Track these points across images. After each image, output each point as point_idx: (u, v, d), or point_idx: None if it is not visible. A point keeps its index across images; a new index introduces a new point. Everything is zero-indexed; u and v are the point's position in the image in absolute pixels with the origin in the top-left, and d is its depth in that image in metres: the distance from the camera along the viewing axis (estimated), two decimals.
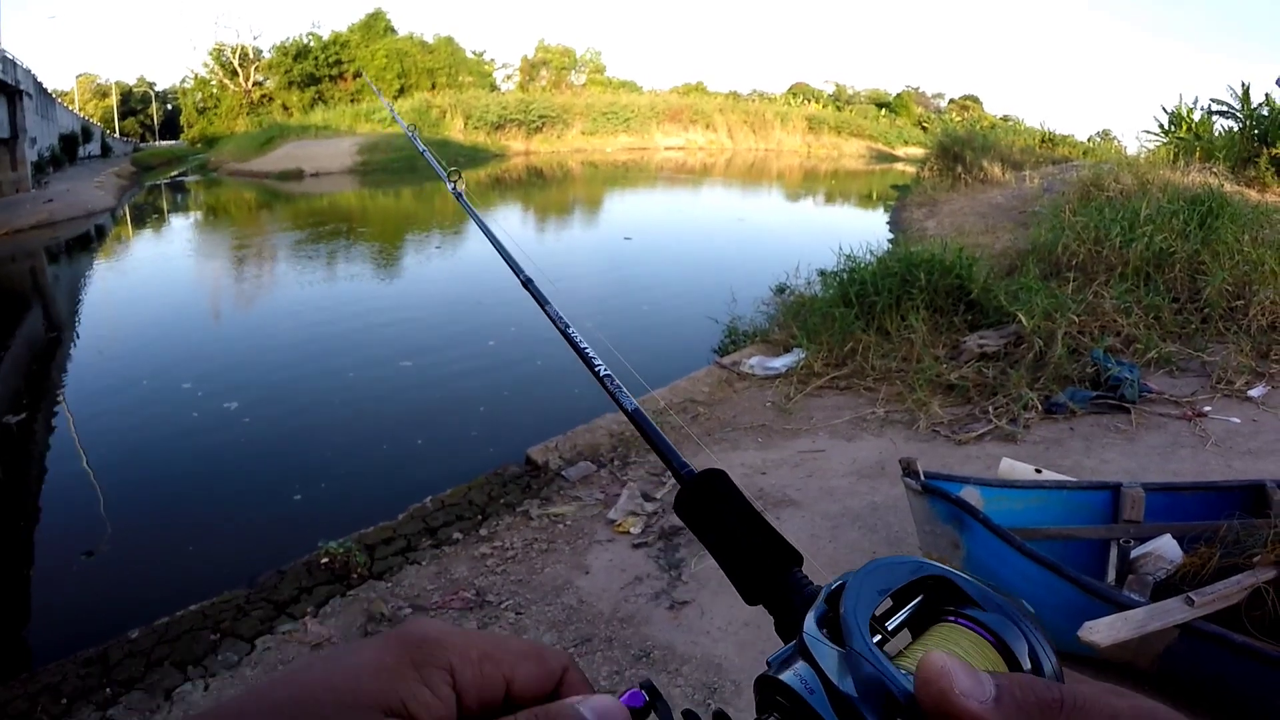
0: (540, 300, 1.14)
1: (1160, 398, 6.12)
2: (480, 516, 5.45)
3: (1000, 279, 8.45)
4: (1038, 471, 4.06)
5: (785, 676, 0.44)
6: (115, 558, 5.69)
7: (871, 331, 7.62)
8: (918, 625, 0.47)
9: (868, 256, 9.10)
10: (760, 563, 0.57)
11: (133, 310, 14.00)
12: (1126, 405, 5.93)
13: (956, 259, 8.15)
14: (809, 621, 0.47)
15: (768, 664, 0.47)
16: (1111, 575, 3.47)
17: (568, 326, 1.00)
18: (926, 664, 0.39)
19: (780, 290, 10.72)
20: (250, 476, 6.95)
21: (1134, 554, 3.45)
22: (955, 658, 0.40)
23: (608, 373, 0.91)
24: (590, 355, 0.94)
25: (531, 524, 5.19)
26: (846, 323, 7.70)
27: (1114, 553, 3.54)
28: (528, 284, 1.29)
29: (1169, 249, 8.24)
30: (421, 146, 1.99)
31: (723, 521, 0.60)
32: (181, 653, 4.20)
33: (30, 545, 6.13)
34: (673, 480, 3.34)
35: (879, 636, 0.45)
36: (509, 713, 0.43)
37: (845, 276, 8.57)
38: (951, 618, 0.45)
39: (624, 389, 0.86)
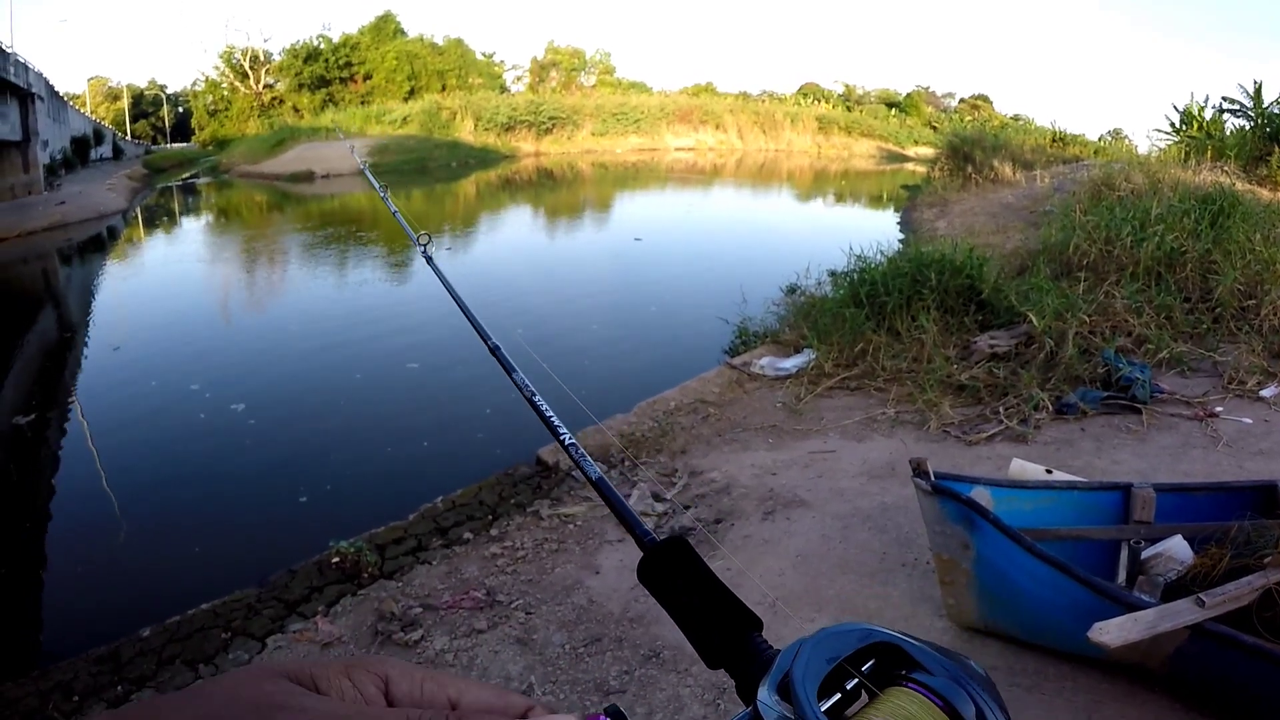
0: (507, 368, 1.16)
1: (1172, 398, 6.09)
2: (491, 516, 5.47)
3: (1011, 279, 8.44)
4: (1048, 472, 4.05)
5: None
6: (127, 556, 5.73)
7: (882, 332, 7.61)
8: (876, 684, 0.49)
9: (878, 257, 9.10)
10: (720, 629, 0.58)
11: (144, 311, 14.08)
12: (1138, 405, 5.91)
13: (967, 259, 8.14)
14: (763, 690, 0.50)
15: None
16: (1122, 576, 3.47)
17: (534, 394, 1.03)
18: None
19: (791, 290, 10.72)
20: (260, 477, 6.99)
21: (1144, 555, 3.45)
22: None
23: (572, 441, 0.93)
24: (555, 423, 0.95)
25: (542, 524, 5.20)
26: (857, 323, 7.69)
27: (1124, 553, 3.54)
28: (495, 350, 1.31)
29: (1180, 248, 8.21)
30: (393, 207, 2.01)
31: (684, 589, 0.62)
32: (193, 651, 4.23)
33: (42, 544, 6.17)
34: (684, 480, 3.41)
35: (836, 696, 0.47)
36: None
37: (856, 277, 8.57)
38: (903, 682, 0.47)
39: (587, 456, 0.88)
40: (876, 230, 15.66)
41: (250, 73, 64.15)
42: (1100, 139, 31.16)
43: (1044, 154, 24.28)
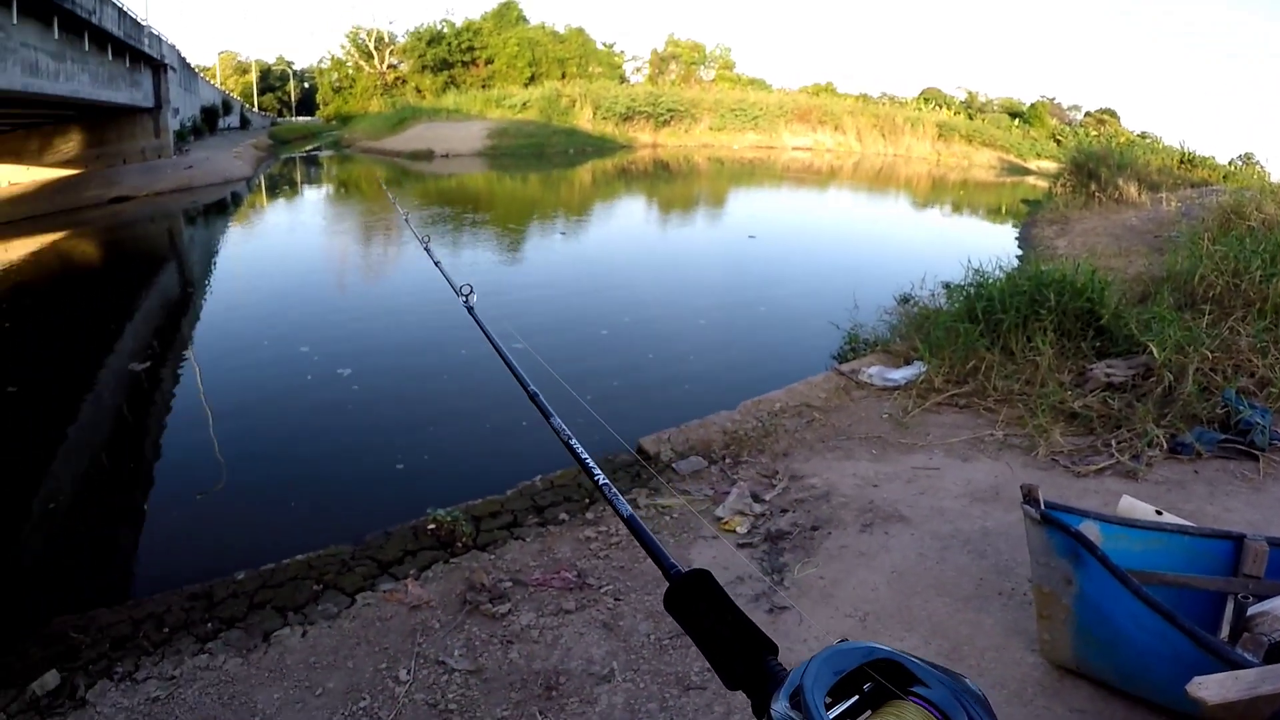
0: (545, 413, 1.20)
1: None
2: (588, 500, 5.55)
3: (1132, 306, 8.18)
4: (1158, 513, 3.96)
5: None
6: (227, 503, 6.00)
7: (996, 350, 7.47)
8: (877, 701, 0.53)
9: (996, 272, 8.93)
10: (739, 653, 0.63)
11: (261, 273, 14.63)
12: (1255, 452, 5.69)
13: (1089, 281, 7.92)
14: (777, 702, 0.55)
15: None
16: (1225, 631, 3.38)
17: (570, 438, 1.07)
18: None
19: (904, 300, 10.60)
20: (361, 441, 7.22)
21: (1251, 611, 3.35)
22: None
23: (606, 481, 0.98)
24: (590, 465, 1.00)
25: (639, 513, 5.26)
26: (971, 339, 7.57)
27: (1230, 607, 3.44)
28: (534, 397, 1.36)
29: None
30: (435, 259, 2.06)
31: (706, 616, 0.67)
32: (284, 599, 4.41)
33: (149, 482, 6.51)
34: (784, 483, 3.45)
35: (843, 706, 0.52)
36: None
37: (972, 291, 8.41)
38: (905, 696, 0.52)
39: (619, 496, 0.93)
40: (994, 244, 15.37)
41: (375, 53, 65.74)
42: (1230, 163, 29.89)
43: (1171, 175, 23.47)
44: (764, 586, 4.36)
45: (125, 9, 24.01)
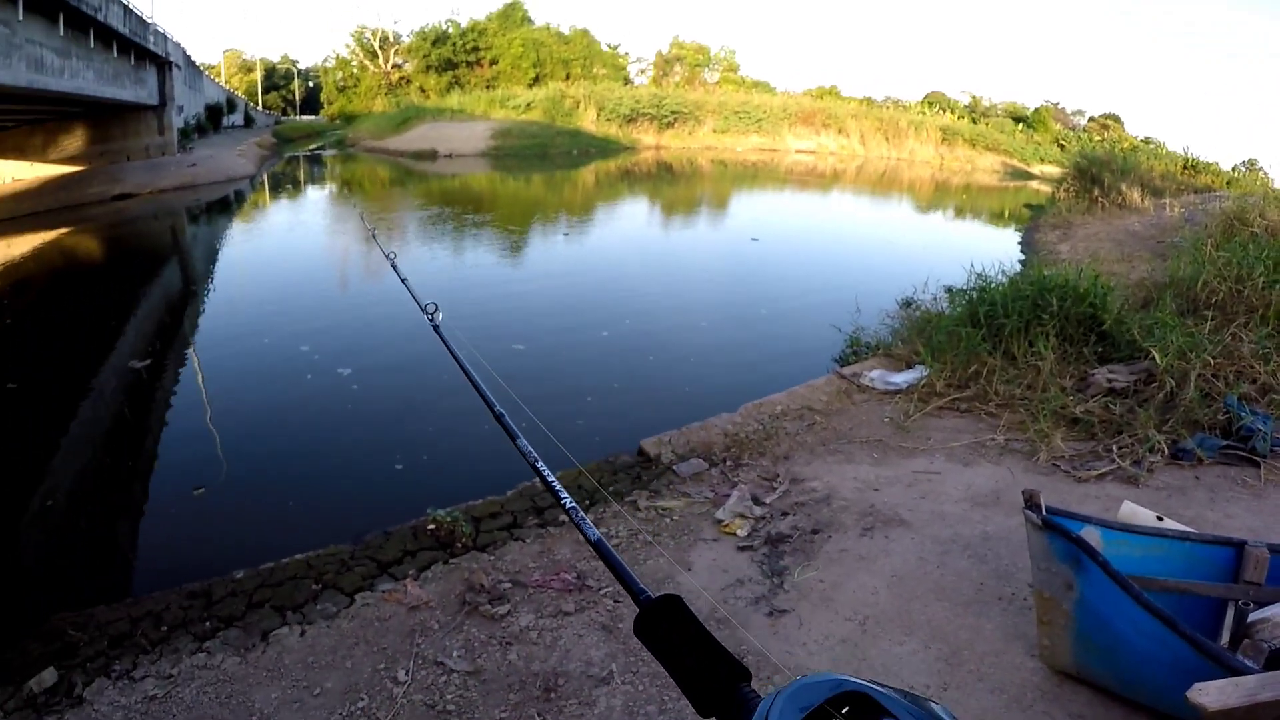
0: (511, 434, 1.20)
1: None
2: (588, 502, 5.54)
3: (1134, 311, 8.18)
4: (1159, 519, 3.95)
5: None
6: (227, 500, 6.00)
7: (998, 355, 7.47)
8: None
9: (998, 276, 8.93)
10: (710, 680, 0.62)
11: (263, 272, 14.63)
12: (1256, 459, 5.68)
13: (1091, 286, 7.91)
14: None
15: None
16: (1225, 637, 3.37)
17: (536, 460, 1.07)
18: None
19: (906, 304, 10.61)
20: (361, 441, 7.21)
21: (1251, 618, 3.35)
22: None
23: (573, 505, 0.97)
24: (558, 489, 1.00)
25: (639, 514, 5.26)
26: (973, 343, 7.56)
27: (1230, 614, 3.44)
28: (500, 418, 1.36)
29: None
30: (402, 275, 2.07)
31: (677, 643, 0.66)
32: (282, 598, 4.41)
33: (148, 479, 6.52)
34: (785, 486, 3.44)
35: None
36: None
37: (974, 295, 8.41)
38: None
39: (587, 520, 0.92)
40: (997, 248, 15.39)
41: (379, 52, 65.84)
42: (1234, 169, 29.83)
43: (1174, 181, 23.47)
44: (764, 590, 4.36)
45: (131, 6, 24.06)
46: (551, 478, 0.99)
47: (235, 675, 3.71)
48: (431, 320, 1.65)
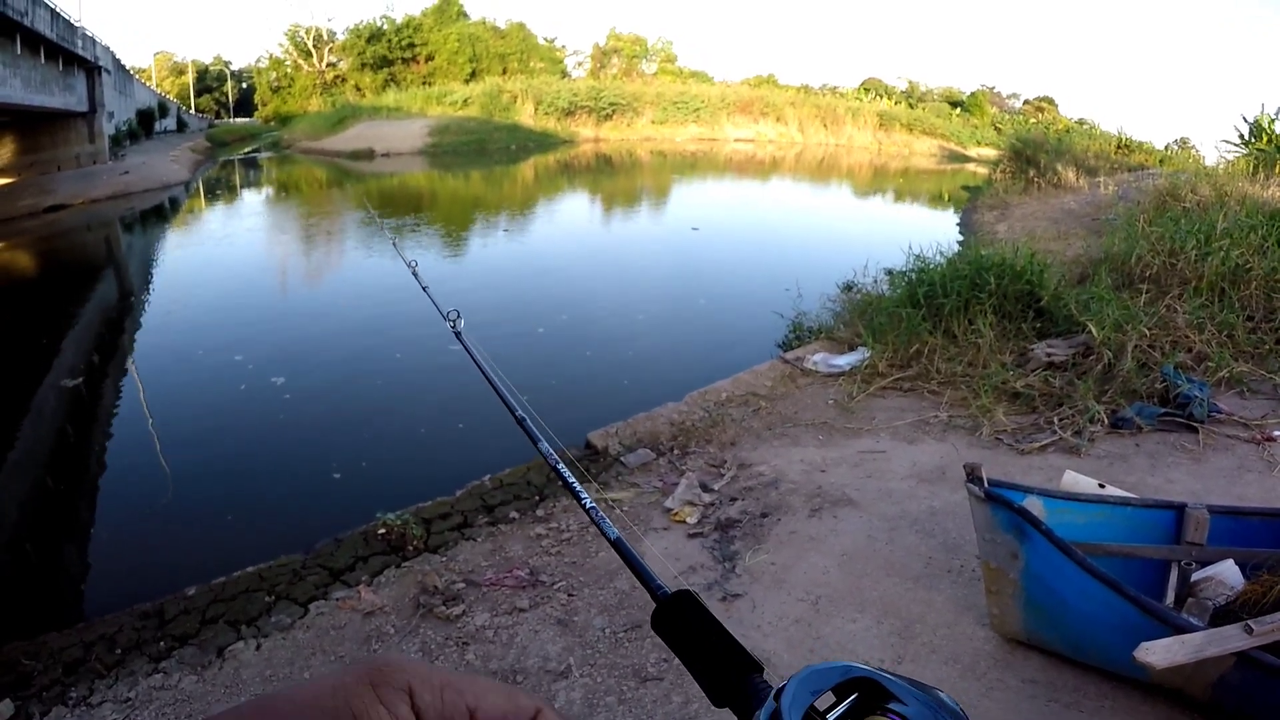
0: (533, 438, 1.19)
1: (1229, 419, 5.96)
2: (538, 497, 5.52)
3: (1071, 287, 8.31)
4: (1101, 486, 4.01)
5: None
6: (174, 517, 5.88)
7: (938, 334, 7.55)
8: (856, 716, 0.54)
9: (937, 258, 9.02)
10: (724, 672, 0.63)
11: (200, 280, 14.36)
12: (1194, 425, 5.79)
13: (1028, 264, 8.04)
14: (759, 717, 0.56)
15: None
16: (1170, 597, 3.43)
17: (557, 463, 1.06)
18: None
19: (847, 288, 10.67)
20: (306, 449, 7.14)
21: (1194, 577, 3.41)
22: None
23: (592, 505, 0.97)
24: (577, 490, 0.99)
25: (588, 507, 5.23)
26: (913, 324, 7.64)
27: (1174, 574, 3.50)
28: (521, 422, 1.34)
29: (1246, 265, 8.02)
30: (423, 283, 2.04)
31: (693, 635, 0.66)
32: (236, 612, 4.33)
33: (93, 500, 6.37)
34: (732, 472, 3.47)
35: None
36: None
37: (914, 277, 8.50)
38: (881, 713, 0.52)
39: (606, 519, 0.91)
40: (935, 230, 15.52)
41: (314, 51, 64.97)
42: (1166, 148, 30.43)
43: (1108, 160, 23.89)
44: (716, 575, 4.37)
45: (58, 10, 23.46)
46: (573, 480, 0.98)
47: (194, 694, 3.64)
48: (454, 328, 1.61)
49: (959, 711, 0.52)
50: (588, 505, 0.98)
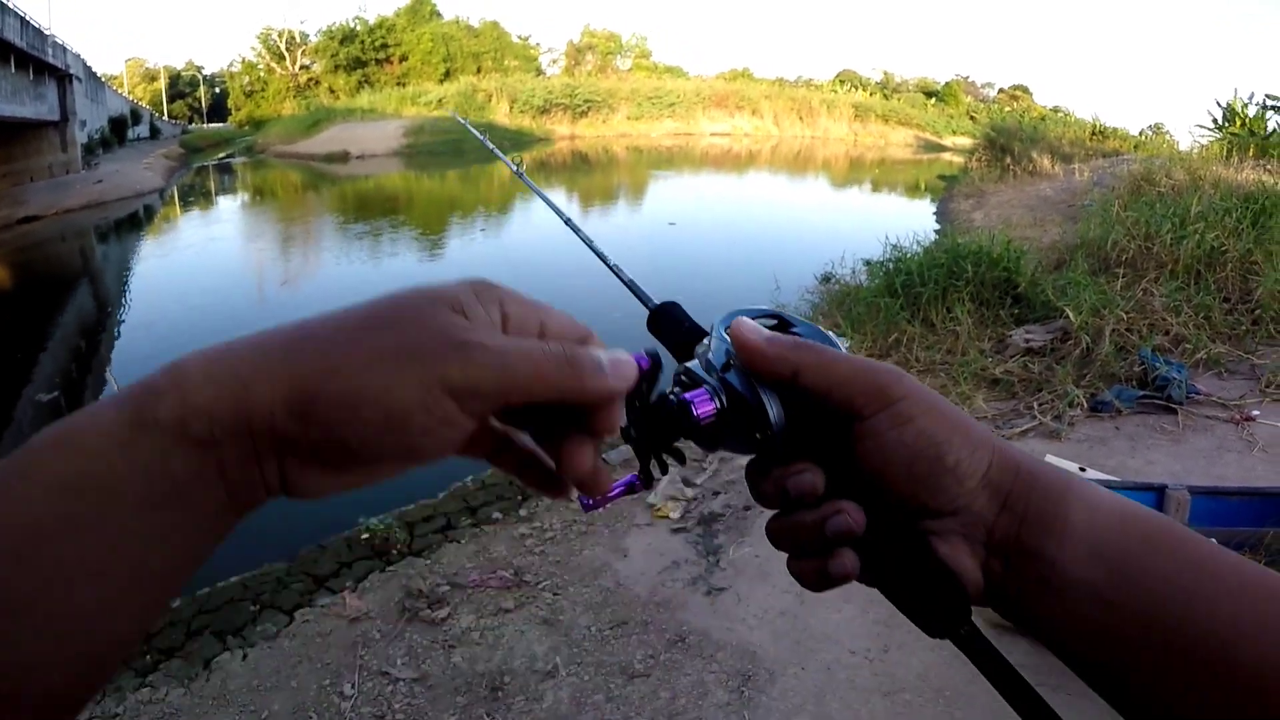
0: (586, 240, 1.16)
1: (1208, 400, 6.00)
2: (520, 497, 5.50)
3: (1048, 273, 8.35)
4: (1082, 470, 4.03)
5: (689, 364, 0.62)
6: None
7: (916, 323, 7.57)
8: None
9: (914, 247, 9.05)
10: (685, 337, 0.73)
11: (177, 289, 14.21)
12: (1173, 406, 5.82)
13: (1004, 251, 8.07)
14: (702, 343, 0.66)
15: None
16: None
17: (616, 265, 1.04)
18: (735, 322, 0.58)
19: (825, 279, 10.68)
20: None
21: None
22: (753, 323, 0.58)
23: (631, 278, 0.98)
24: (639, 289, 0.97)
25: (571, 506, 5.22)
26: (891, 313, 7.66)
27: None
28: (568, 222, 1.30)
29: (1221, 247, 8.08)
30: (483, 136, 2.02)
31: (675, 328, 0.77)
32: (221, 623, 4.31)
33: None
34: (715, 465, 3.51)
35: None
36: None
37: (891, 266, 8.53)
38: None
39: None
40: (912, 220, 15.59)
41: (286, 54, 64.75)
42: (1141, 133, 30.73)
43: (1083, 147, 24.04)
44: (701, 569, 4.37)
45: (28, 18, 23.26)
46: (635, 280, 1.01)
47: (182, 707, 3.60)
48: (518, 170, 1.58)
49: (832, 338, 0.60)
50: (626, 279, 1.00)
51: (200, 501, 0.41)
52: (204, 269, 16.02)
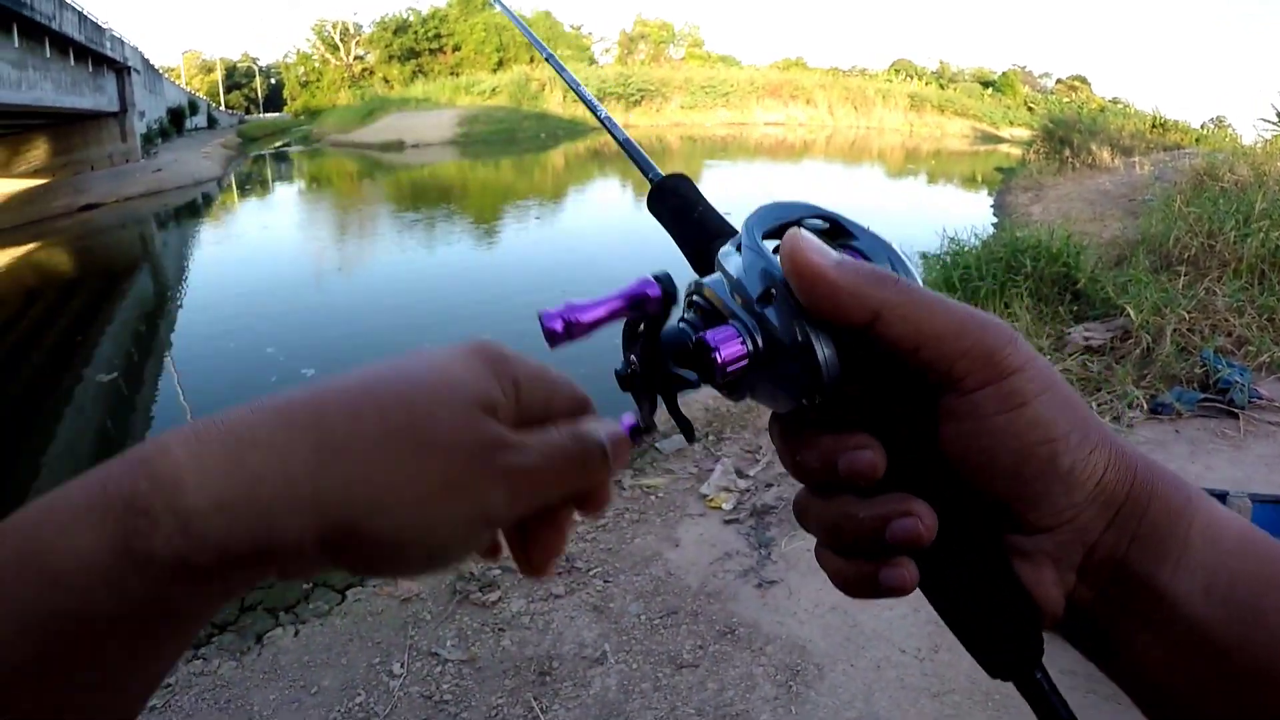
0: (590, 106, 1.06)
1: (1271, 405, 5.84)
2: None
3: (1108, 269, 8.20)
4: None
5: (706, 279, 0.54)
6: None
7: None
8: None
9: (972, 240, 8.95)
10: (706, 242, 0.64)
11: (235, 274, 14.45)
12: (1235, 410, 5.70)
13: (1064, 246, 7.94)
14: (724, 247, 0.55)
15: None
16: None
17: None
18: (787, 236, 0.46)
19: None
20: None
21: None
22: (812, 237, 0.46)
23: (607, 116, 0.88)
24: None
25: (624, 494, 5.24)
26: None
27: None
28: (576, 89, 1.21)
29: None
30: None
31: (686, 214, 0.69)
32: (274, 599, 4.38)
33: None
34: (768, 457, 3.48)
35: (774, 243, 0.50)
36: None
37: (948, 260, 8.45)
38: (836, 248, 0.49)
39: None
40: (969, 212, 15.40)
41: (341, 45, 65.47)
42: (1202, 126, 29.96)
43: (1143, 140, 23.52)
44: (752, 561, 4.37)
45: (86, 13, 23.72)
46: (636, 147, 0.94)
47: (232, 680, 3.68)
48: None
49: (905, 257, 0.52)
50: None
51: (201, 616, 0.40)
52: (261, 255, 16.26)
